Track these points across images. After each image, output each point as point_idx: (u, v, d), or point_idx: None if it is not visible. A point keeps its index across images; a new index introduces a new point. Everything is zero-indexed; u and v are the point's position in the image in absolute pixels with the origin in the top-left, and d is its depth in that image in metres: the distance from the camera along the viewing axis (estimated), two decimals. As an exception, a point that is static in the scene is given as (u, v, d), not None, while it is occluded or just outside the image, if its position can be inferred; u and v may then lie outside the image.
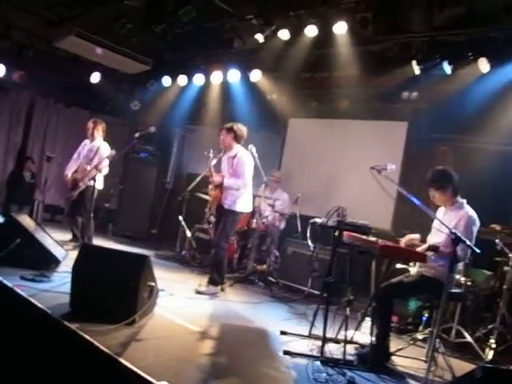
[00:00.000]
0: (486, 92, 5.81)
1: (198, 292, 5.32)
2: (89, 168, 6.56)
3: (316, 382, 3.22)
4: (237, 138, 5.60)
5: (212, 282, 5.45)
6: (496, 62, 5.68)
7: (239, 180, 5.47)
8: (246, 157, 5.56)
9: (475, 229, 3.89)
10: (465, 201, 4.05)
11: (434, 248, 3.86)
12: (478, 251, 3.04)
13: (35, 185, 9.31)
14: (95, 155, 6.67)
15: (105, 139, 7.05)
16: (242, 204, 5.55)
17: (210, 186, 5.71)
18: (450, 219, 3.87)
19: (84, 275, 3.83)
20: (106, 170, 6.68)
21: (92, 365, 3.13)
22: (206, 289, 5.37)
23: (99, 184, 6.67)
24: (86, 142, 7.04)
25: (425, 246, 3.96)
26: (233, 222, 5.55)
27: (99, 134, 6.92)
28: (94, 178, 6.24)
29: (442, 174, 4.09)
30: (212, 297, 5.31)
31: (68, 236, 6.86)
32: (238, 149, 5.63)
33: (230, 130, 5.58)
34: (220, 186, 5.49)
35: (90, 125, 6.94)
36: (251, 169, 5.59)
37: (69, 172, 6.89)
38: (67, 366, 3.12)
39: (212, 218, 6.51)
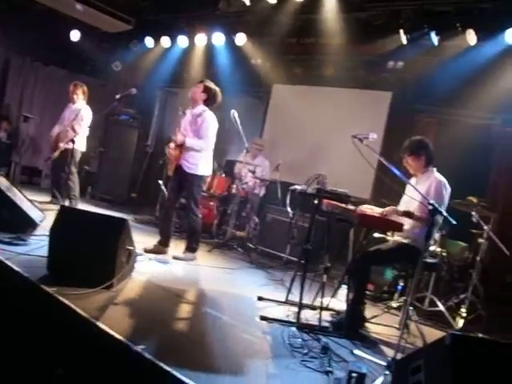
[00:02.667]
0: (472, 65, 5.80)
1: (175, 258, 5.26)
2: (69, 130, 6.50)
3: (291, 347, 3.26)
4: (208, 101, 5.25)
5: (190, 249, 5.36)
6: (483, 35, 5.67)
7: (202, 141, 5.17)
8: (211, 118, 5.22)
9: (446, 193, 3.92)
10: (435, 169, 4.09)
11: (408, 214, 3.91)
12: (454, 222, 3.06)
13: (12, 145, 9.08)
14: (75, 118, 6.59)
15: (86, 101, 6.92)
16: (204, 167, 5.26)
17: (172, 145, 5.32)
18: (421, 187, 3.91)
19: (61, 238, 3.78)
20: (85, 131, 6.58)
21: (70, 328, 3.15)
22: (184, 255, 5.32)
23: (81, 146, 6.59)
24: (70, 104, 6.94)
25: (400, 210, 4.00)
26: (199, 187, 5.33)
27: (79, 97, 6.83)
28: (72, 140, 6.13)
29: (417, 142, 4.14)
30: (189, 262, 5.31)
31: (47, 198, 6.78)
32: (203, 108, 5.26)
33: (207, 89, 5.24)
34: (180, 146, 5.17)
35: (71, 88, 6.85)
36: (215, 131, 5.28)
37: (53, 133, 6.86)
38: (45, 329, 3.13)
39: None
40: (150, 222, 7.43)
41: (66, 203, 6.47)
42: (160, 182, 7.36)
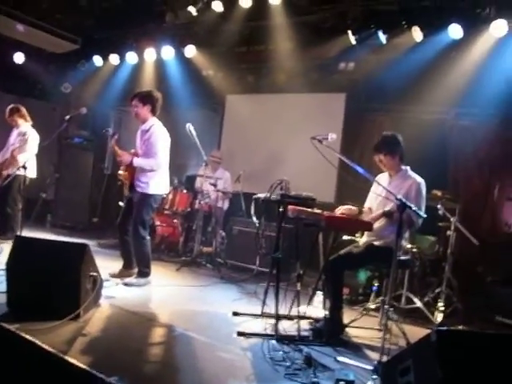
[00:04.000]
0: (421, 61, 5.89)
1: (126, 284, 4.85)
2: (9, 156, 6.25)
3: (273, 361, 3.16)
4: (154, 110, 4.95)
5: (141, 274, 4.96)
6: (429, 31, 5.76)
7: (151, 159, 4.83)
8: (160, 132, 4.90)
9: (424, 193, 3.93)
10: (408, 167, 4.08)
11: (388, 214, 3.87)
12: (423, 216, 3.05)
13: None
14: (20, 141, 6.32)
15: (35, 125, 6.63)
16: (156, 185, 4.90)
17: (122, 167, 4.99)
18: (398, 187, 3.89)
19: (20, 271, 3.56)
20: (32, 155, 6.31)
21: (37, 365, 2.94)
22: (136, 281, 4.92)
23: (31, 172, 6.30)
24: (14, 129, 6.64)
25: (378, 212, 3.97)
26: (148, 206, 4.90)
27: (19, 121, 6.51)
28: (24, 166, 5.86)
29: (391, 139, 4.07)
30: (145, 285, 4.96)
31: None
32: (152, 121, 4.95)
33: (148, 99, 4.89)
34: (131, 165, 4.85)
35: (6, 115, 6.52)
36: (166, 146, 4.95)
37: None
38: (10, 369, 2.91)
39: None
40: (115, 245, 7.14)
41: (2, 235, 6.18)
42: (121, 203, 7.12)
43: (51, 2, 6.48)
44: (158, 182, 4.94)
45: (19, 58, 8.57)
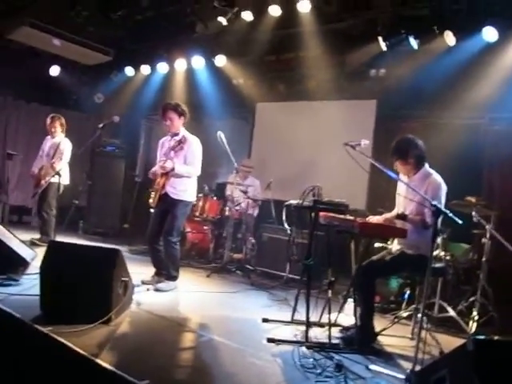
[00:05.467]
0: (454, 65, 5.78)
1: (157, 289, 4.92)
2: (48, 166, 6.55)
3: (304, 368, 3.12)
4: (185, 121, 5.09)
5: (170, 278, 5.06)
6: (462, 35, 5.65)
7: (191, 167, 4.97)
8: (196, 142, 5.04)
9: (442, 193, 3.81)
10: (427, 165, 3.98)
11: (402, 216, 3.81)
12: (460, 222, 2.96)
13: (-2, 186, 8.92)
14: (56, 152, 6.54)
15: (70, 135, 6.84)
16: (192, 192, 5.09)
17: (158, 173, 5.03)
18: (416, 188, 3.81)
19: (53, 275, 3.63)
20: (66, 164, 6.54)
21: (69, 368, 2.98)
22: (166, 285, 5.01)
23: (65, 179, 6.50)
24: (48, 138, 6.89)
25: (391, 215, 3.90)
26: (185, 214, 5.12)
27: (58, 129, 6.82)
28: (58, 173, 6.04)
29: (401, 143, 3.99)
30: (173, 290, 5.04)
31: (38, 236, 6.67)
32: (184, 132, 5.10)
33: (182, 111, 5.02)
34: (166, 174, 4.91)
35: (48, 121, 6.81)
36: (201, 155, 5.09)
37: (35, 169, 6.86)
38: (44, 372, 2.96)
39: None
40: (146, 251, 7.22)
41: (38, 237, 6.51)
42: (152, 210, 7.20)
43: (86, 16, 6.64)
44: (193, 189, 5.11)
45: (55, 70, 8.82)
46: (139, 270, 5.13)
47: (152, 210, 6.17)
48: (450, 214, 2.99)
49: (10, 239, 4.83)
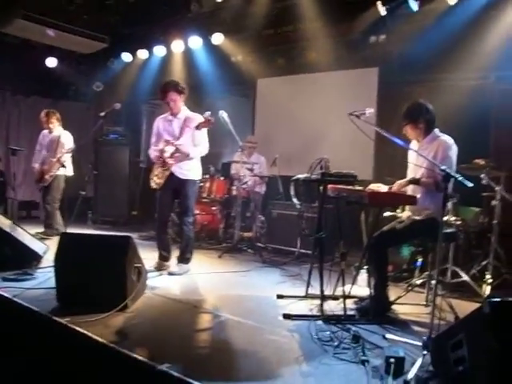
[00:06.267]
0: (456, 25, 5.63)
1: (171, 273, 4.95)
2: (53, 161, 6.53)
3: (321, 342, 3.13)
4: (184, 98, 5.04)
5: (185, 260, 5.08)
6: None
7: (202, 147, 4.99)
8: (200, 118, 4.88)
9: (452, 154, 3.76)
10: (437, 130, 3.93)
11: (414, 181, 3.78)
12: (470, 185, 2.92)
13: (5, 182, 8.95)
14: (58, 146, 6.53)
15: (71, 126, 6.80)
16: (198, 171, 5.10)
17: (167, 153, 4.94)
18: (425, 152, 3.77)
19: (67, 266, 3.67)
20: (69, 156, 6.53)
21: (89, 357, 3.02)
22: (179, 268, 5.03)
23: (69, 171, 6.51)
24: (45, 132, 6.84)
25: (404, 180, 3.87)
26: (195, 193, 5.14)
27: (55, 123, 6.78)
28: (63, 165, 6.05)
29: (412, 108, 3.96)
30: (186, 272, 5.07)
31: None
32: (186, 110, 5.07)
33: (182, 90, 4.94)
34: (173, 154, 4.89)
35: (43, 117, 6.75)
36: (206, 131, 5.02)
37: (35, 164, 6.85)
38: (65, 362, 3.00)
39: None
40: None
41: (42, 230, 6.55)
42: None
43: (78, 4, 6.55)
44: (199, 168, 5.12)
45: (51, 62, 8.76)
46: (151, 256, 5.15)
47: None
48: (460, 178, 2.94)
49: (21, 234, 4.88)
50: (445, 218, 4.44)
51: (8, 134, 9.57)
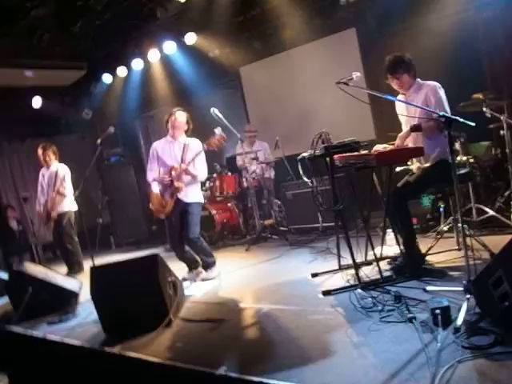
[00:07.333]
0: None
1: (203, 280, 4.98)
2: (53, 194, 6.50)
3: (365, 310, 3.17)
4: (188, 132, 5.08)
5: (208, 266, 5.06)
6: None
7: (203, 173, 5.00)
8: (200, 145, 4.94)
9: (443, 94, 3.74)
10: (419, 79, 3.92)
11: (415, 128, 3.77)
12: (472, 124, 2.90)
13: (25, 230, 9.05)
14: (56, 180, 6.52)
15: (70, 158, 6.82)
16: (200, 193, 5.11)
17: (174, 176, 4.89)
18: (414, 101, 3.76)
19: (104, 298, 3.74)
20: (70, 189, 6.54)
21: (150, 379, 3.09)
22: (207, 274, 5.04)
23: (72, 206, 6.52)
24: (43, 170, 6.83)
25: (405, 131, 3.86)
26: (199, 213, 5.01)
27: (52, 157, 6.73)
28: (64, 195, 6.10)
29: (393, 61, 3.94)
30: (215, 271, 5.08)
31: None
32: (186, 137, 5.07)
33: (188, 121, 5.05)
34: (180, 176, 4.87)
35: (40, 152, 6.71)
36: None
37: (39, 206, 6.79)
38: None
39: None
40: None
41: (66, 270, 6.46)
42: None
43: (48, 39, 6.54)
44: (199, 190, 5.12)
45: (37, 102, 8.77)
46: (180, 266, 5.20)
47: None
48: (461, 120, 2.92)
49: (54, 277, 4.96)
50: (456, 159, 4.45)
51: (14, 182, 9.68)
